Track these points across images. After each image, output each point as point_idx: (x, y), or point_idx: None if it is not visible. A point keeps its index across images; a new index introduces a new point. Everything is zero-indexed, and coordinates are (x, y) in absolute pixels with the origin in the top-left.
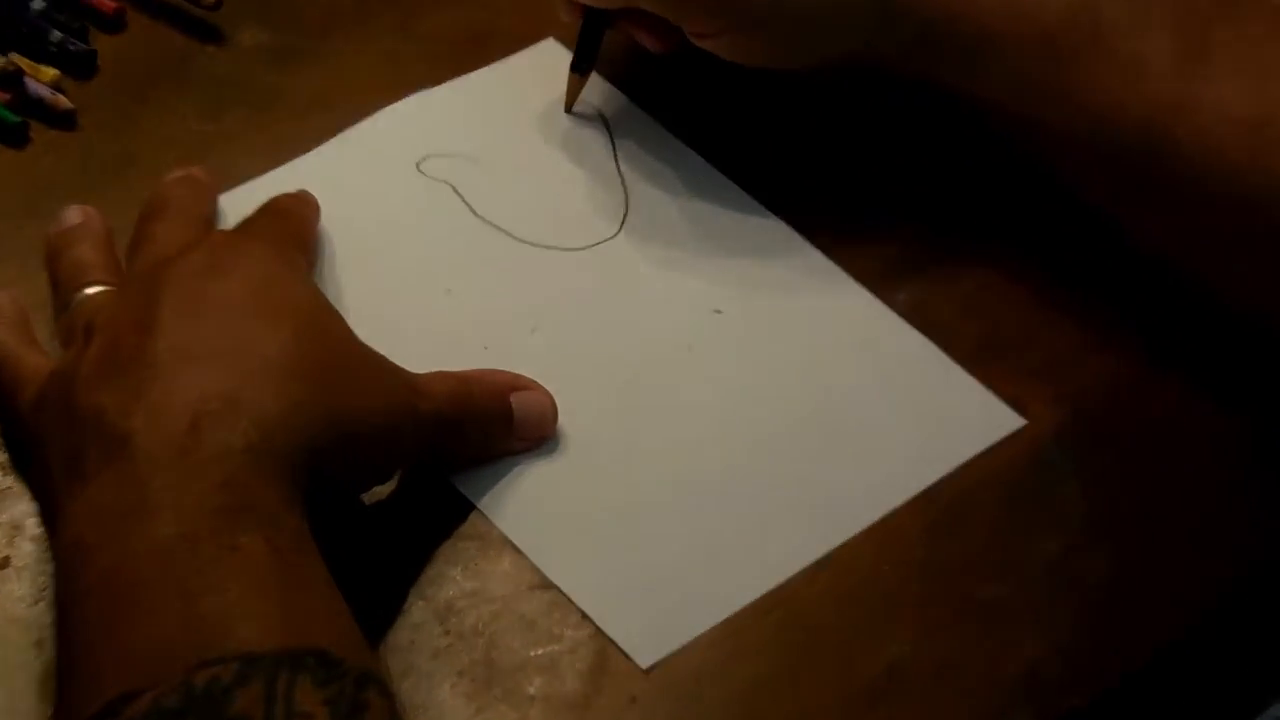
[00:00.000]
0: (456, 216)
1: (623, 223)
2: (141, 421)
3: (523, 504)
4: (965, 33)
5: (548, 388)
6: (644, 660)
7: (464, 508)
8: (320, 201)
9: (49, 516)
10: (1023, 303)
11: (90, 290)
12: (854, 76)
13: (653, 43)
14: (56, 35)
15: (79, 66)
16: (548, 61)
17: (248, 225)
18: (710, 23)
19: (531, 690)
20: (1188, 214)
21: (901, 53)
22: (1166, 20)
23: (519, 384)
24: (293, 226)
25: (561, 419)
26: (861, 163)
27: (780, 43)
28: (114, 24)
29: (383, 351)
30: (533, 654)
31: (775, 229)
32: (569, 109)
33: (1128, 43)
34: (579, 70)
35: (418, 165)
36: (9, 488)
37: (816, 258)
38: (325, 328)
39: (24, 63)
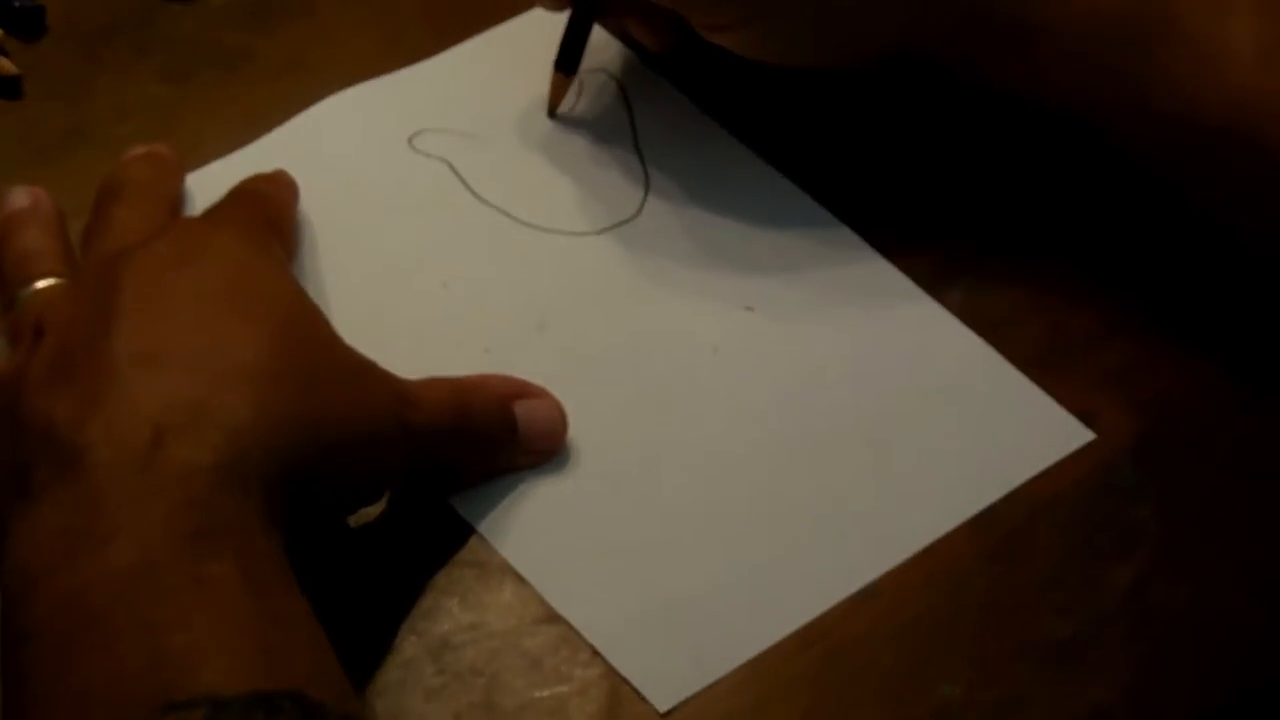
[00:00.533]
0: (453, 198)
1: (642, 204)
2: (97, 434)
3: (527, 527)
4: (1015, 14)
5: (556, 394)
6: (662, 703)
7: (462, 531)
8: (300, 181)
9: None
10: (1090, 300)
11: (40, 284)
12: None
13: (650, 38)
14: None
15: (24, 25)
16: (559, 24)
17: (218, 210)
18: (719, 13)
19: None
20: (1272, 208)
21: (945, 40)
22: (1246, 2)
23: (524, 391)
24: (268, 211)
25: (571, 430)
26: (907, 151)
27: (803, 36)
28: None
29: (370, 354)
30: (538, 695)
31: (814, 216)
32: (552, 113)
33: (1206, 28)
34: (565, 69)
35: (410, 140)
36: None
37: (861, 249)
38: (305, 327)
39: None
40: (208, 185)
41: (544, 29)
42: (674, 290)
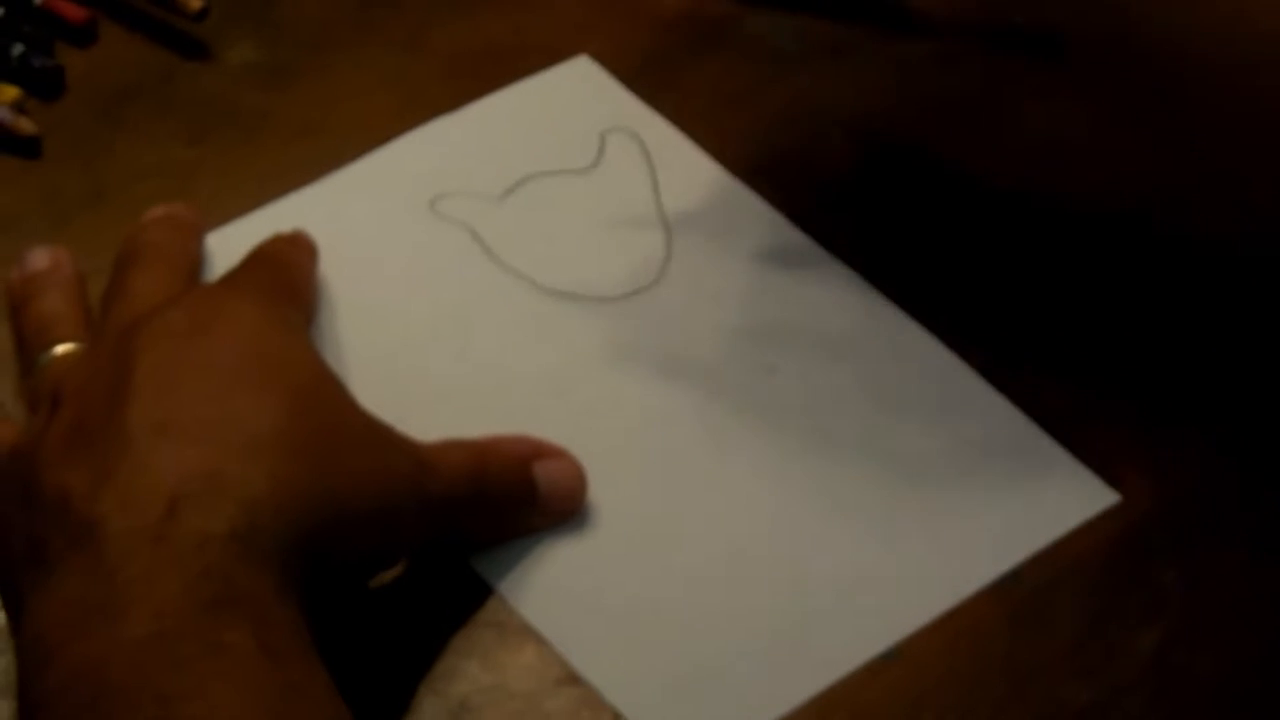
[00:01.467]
0: (474, 263)
1: (663, 269)
2: (111, 505)
3: (547, 587)
4: None
5: (575, 455)
6: None
7: (481, 591)
8: (319, 244)
9: (10, 605)
10: (1117, 359)
11: (59, 349)
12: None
13: None
14: (18, 48)
15: (44, 85)
16: (580, 82)
17: (235, 276)
18: None
19: None
20: None
21: None
22: None
23: (542, 451)
24: (286, 276)
25: (591, 491)
26: (933, 213)
27: None
28: (84, 36)
29: (389, 418)
30: None
31: (838, 276)
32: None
33: None
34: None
35: (431, 204)
36: None
37: (884, 308)
38: (322, 395)
39: None
40: (227, 245)
41: (568, 86)
42: (695, 353)
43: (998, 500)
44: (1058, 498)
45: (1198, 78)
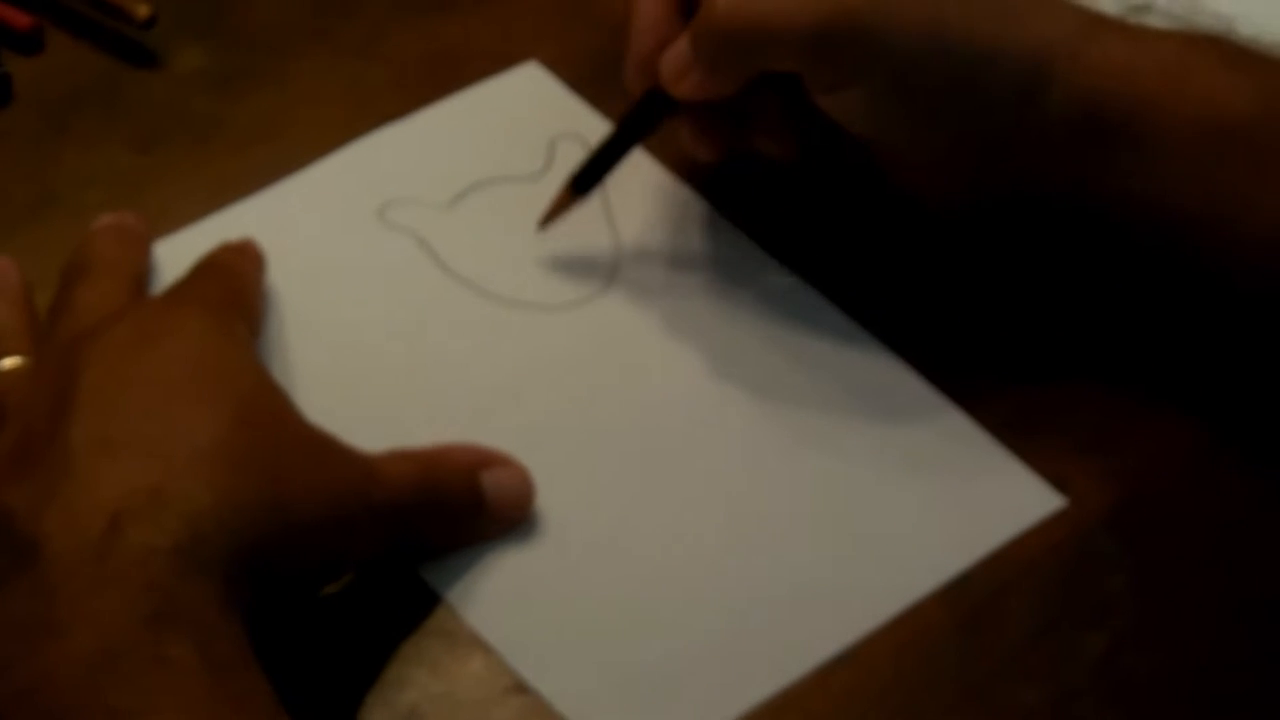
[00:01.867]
0: (422, 271)
1: (612, 277)
2: (54, 523)
3: (496, 596)
4: (1119, 116)
5: (523, 463)
6: None
7: (429, 600)
8: (268, 252)
9: None
10: (1062, 365)
11: (4, 363)
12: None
13: (707, 145)
14: None
15: None
16: (529, 88)
17: (181, 288)
18: (849, 69)
19: None
20: None
21: (1043, 143)
22: None
23: (489, 460)
24: (233, 287)
25: (540, 500)
26: (873, 213)
27: (919, 105)
28: (30, 44)
29: (336, 428)
30: None
31: (785, 284)
32: (543, 226)
33: None
34: (581, 189)
35: (379, 212)
36: None
37: (832, 315)
38: (266, 408)
39: None
40: (176, 254)
41: (517, 93)
42: (643, 360)
43: (946, 505)
44: (1005, 502)
45: None
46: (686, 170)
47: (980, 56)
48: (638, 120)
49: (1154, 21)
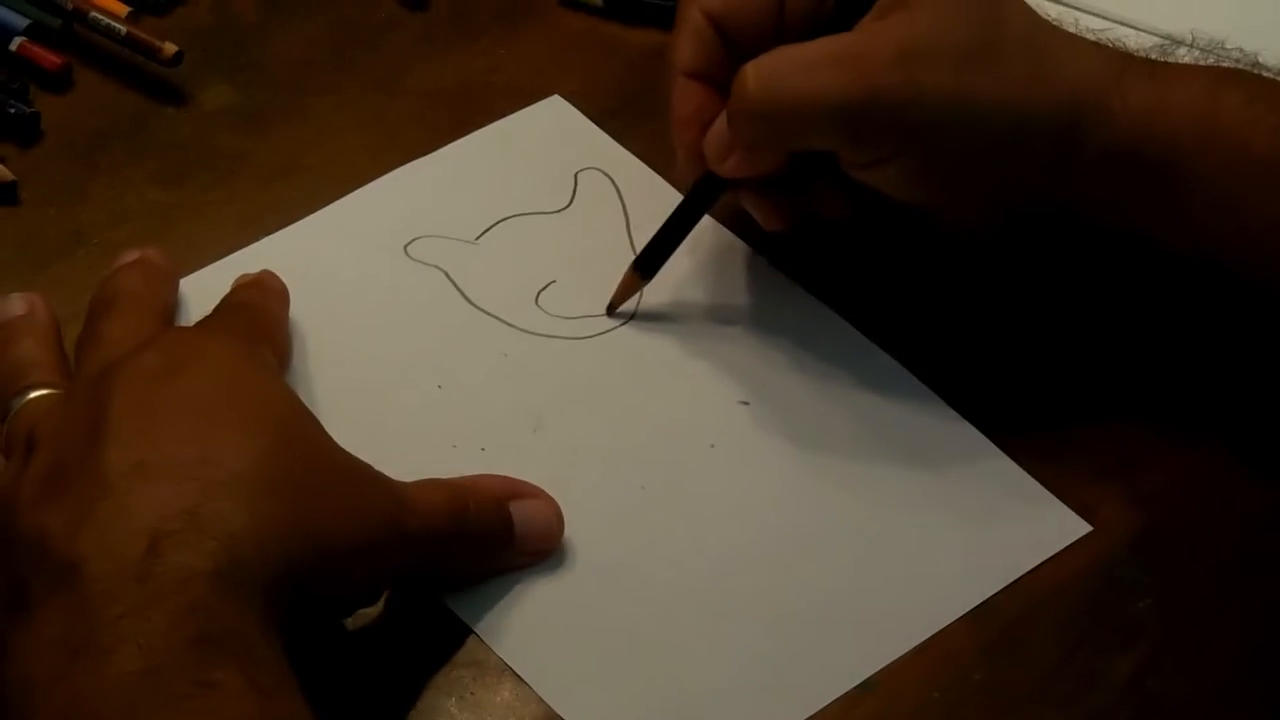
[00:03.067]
0: (448, 305)
1: (636, 307)
2: (91, 545)
3: (524, 626)
4: (1155, 156)
5: (552, 493)
6: None
7: (459, 631)
8: (295, 287)
9: None
10: (1087, 396)
11: (34, 394)
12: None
13: (773, 216)
14: None
15: (20, 131)
16: (552, 121)
17: (207, 322)
18: (882, 145)
19: None
20: None
21: (1082, 187)
22: None
23: (519, 490)
24: (259, 322)
25: (568, 530)
26: (901, 245)
27: (956, 172)
28: (59, 82)
29: (366, 457)
30: None
31: (813, 311)
32: (612, 312)
33: None
34: (644, 272)
35: (405, 248)
36: None
37: (857, 340)
38: (299, 433)
39: None
40: (202, 289)
41: (541, 126)
42: (669, 388)
43: (974, 532)
44: (1032, 529)
45: None
46: (717, 208)
47: (1011, 121)
48: (695, 202)
49: (1182, 57)
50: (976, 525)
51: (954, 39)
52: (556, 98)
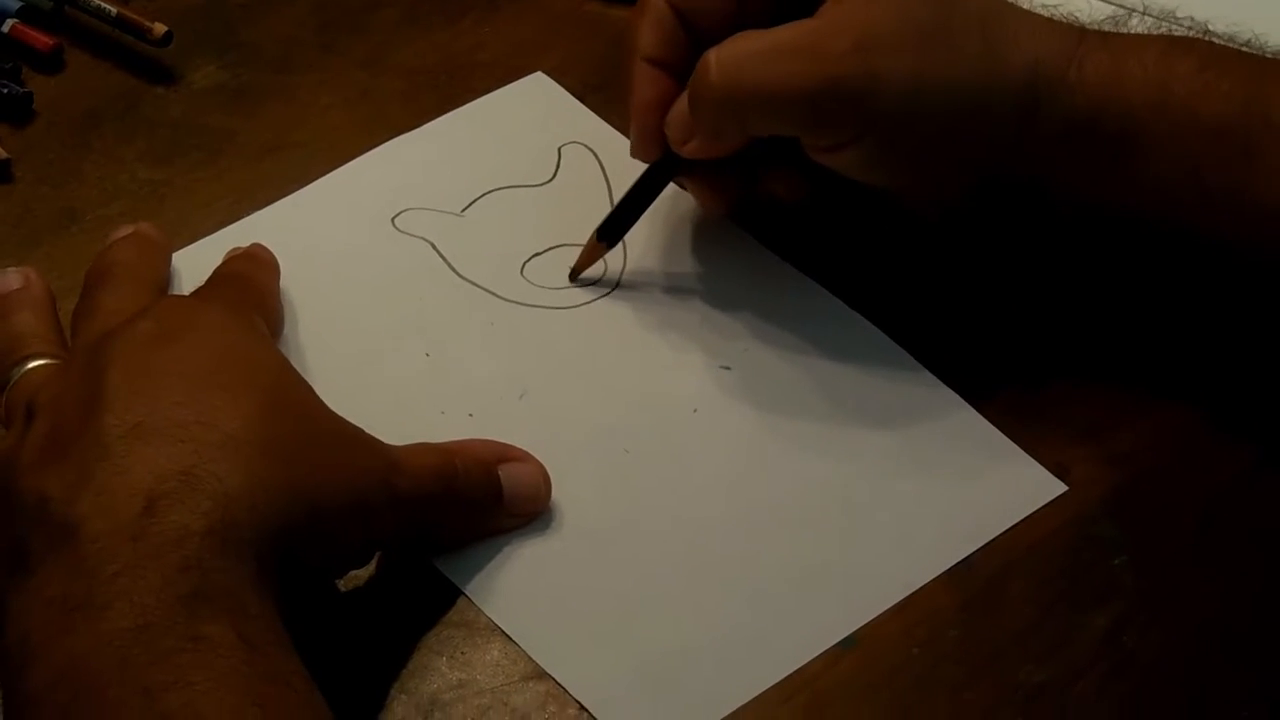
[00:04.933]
0: (436, 275)
1: (620, 277)
2: (89, 506)
3: (513, 587)
4: (1112, 127)
5: (539, 458)
6: None
7: (449, 592)
8: (285, 260)
9: None
10: (1060, 358)
11: (31, 364)
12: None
13: (715, 200)
14: None
15: (13, 111)
16: (536, 97)
17: (201, 292)
18: (842, 130)
19: None
20: None
21: (1042, 160)
22: None
23: (507, 455)
24: (251, 291)
25: (555, 492)
26: (876, 213)
27: (915, 154)
28: (51, 63)
29: (357, 422)
30: None
31: (791, 279)
32: (575, 278)
33: None
34: (608, 239)
35: (393, 220)
36: None
37: (836, 306)
38: (291, 397)
39: None
40: (194, 263)
41: (525, 102)
42: (651, 354)
43: (951, 492)
44: (1009, 489)
45: None
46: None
47: (969, 102)
48: (654, 177)
49: (1135, 27)
50: (954, 486)
51: (911, 24)
52: (539, 74)
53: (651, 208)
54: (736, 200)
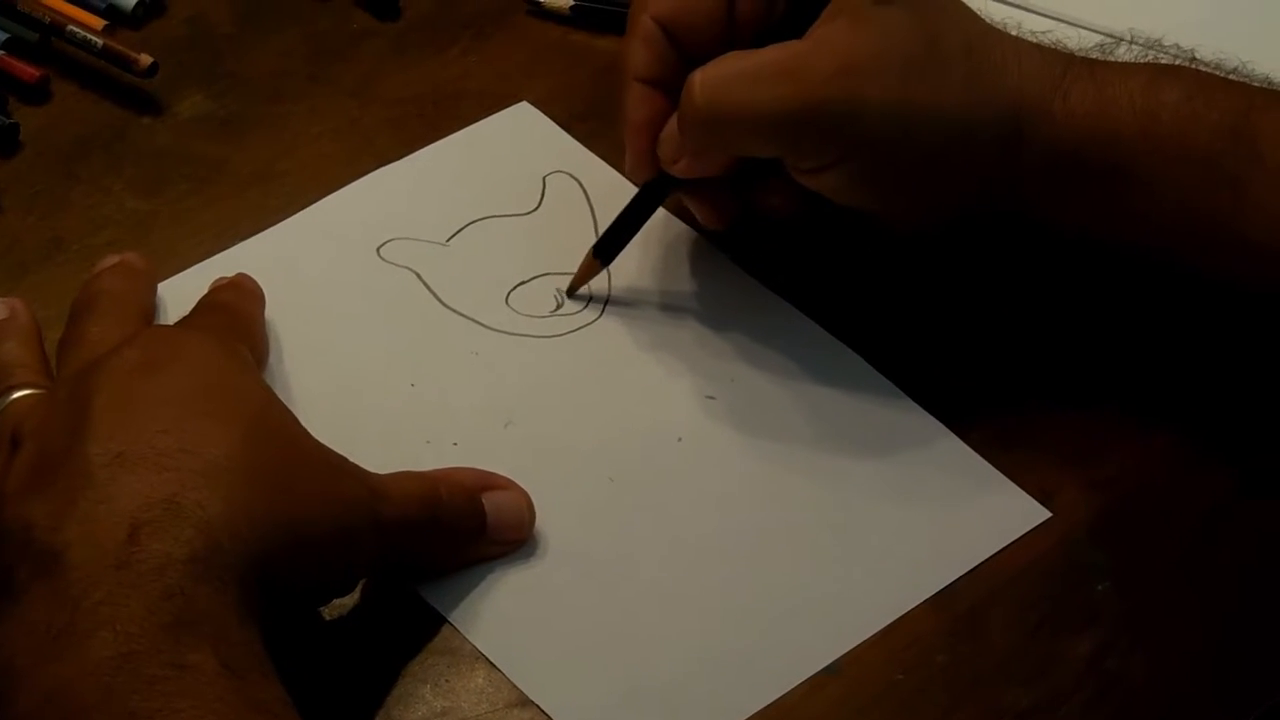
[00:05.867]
0: (421, 305)
1: (605, 305)
2: (74, 533)
3: (497, 615)
4: (1098, 157)
5: (523, 486)
6: None
7: (433, 620)
8: (271, 289)
9: None
10: (1042, 385)
11: (17, 394)
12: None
13: (713, 216)
14: None
15: (0, 142)
16: (521, 127)
17: (185, 321)
18: (825, 153)
19: None
20: None
21: (1027, 189)
22: None
23: (491, 482)
24: (236, 322)
25: (539, 520)
26: (860, 243)
27: (898, 180)
28: (37, 94)
29: (342, 451)
30: None
31: (772, 305)
32: (572, 293)
33: None
34: (603, 257)
35: (378, 250)
36: None
37: (821, 336)
38: (275, 425)
39: None
40: (181, 293)
41: (510, 132)
42: (637, 383)
43: (936, 519)
44: (993, 516)
45: None
46: (675, 204)
47: (953, 130)
48: (650, 194)
49: (1122, 55)
50: (938, 513)
51: (896, 50)
52: (525, 104)
53: (636, 237)
54: (734, 215)
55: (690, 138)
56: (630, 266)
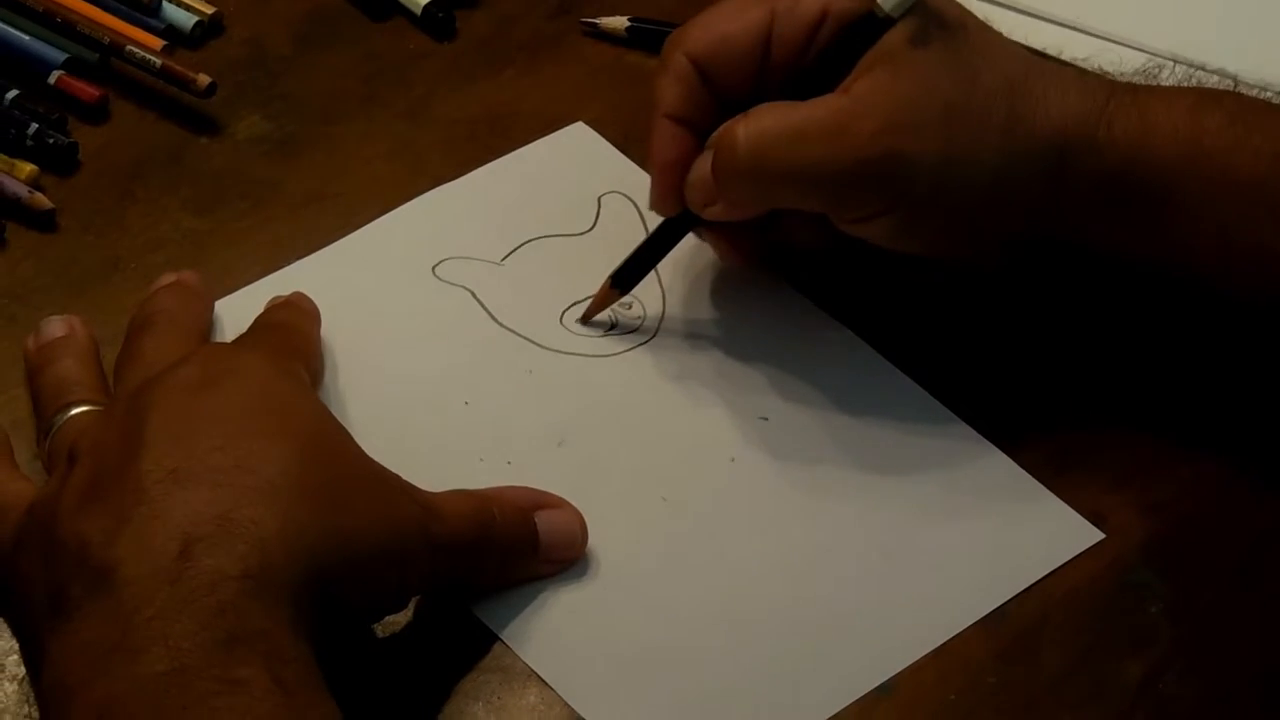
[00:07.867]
0: (476, 324)
1: (659, 325)
2: (127, 550)
3: (549, 633)
4: (1142, 183)
5: (576, 505)
6: None
7: (485, 638)
8: (327, 308)
9: (31, 656)
10: (1096, 407)
11: (74, 410)
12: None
13: (733, 255)
14: (33, 127)
15: (59, 161)
16: (577, 147)
17: (242, 339)
18: (867, 206)
19: None
20: None
21: (1070, 217)
22: None
23: (544, 501)
24: (292, 340)
25: (591, 540)
26: (912, 265)
27: (944, 224)
28: (97, 114)
29: (396, 469)
30: None
31: (830, 330)
32: (586, 321)
33: None
34: (621, 286)
35: (433, 269)
36: None
37: (872, 358)
38: (329, 443)
39: None
40: (236, 312)
41: (565, 152)
42: (691, 403)
43: (988, 541)
44: (1044, 537)
45: None
46: None
47: (996, 172)
48: (673, 228)
49: (1165, 79)
50: (990, 533)
51: (937, 100)
52: (580, 124)
53: (689, 256)
54: (754, 252)
55: (729, 189)
56: (684, 286)
